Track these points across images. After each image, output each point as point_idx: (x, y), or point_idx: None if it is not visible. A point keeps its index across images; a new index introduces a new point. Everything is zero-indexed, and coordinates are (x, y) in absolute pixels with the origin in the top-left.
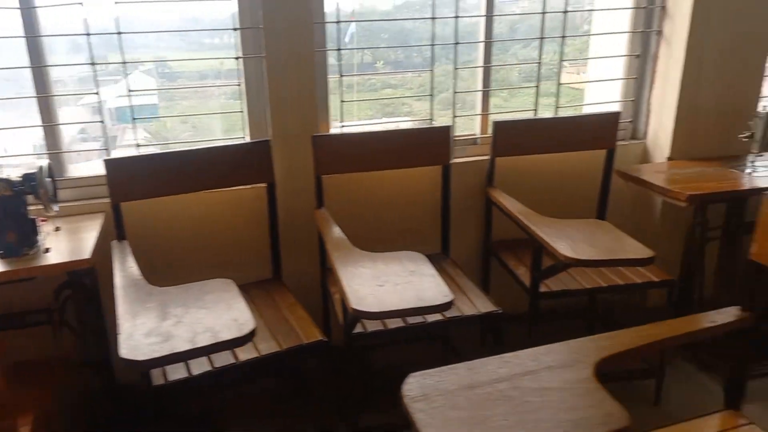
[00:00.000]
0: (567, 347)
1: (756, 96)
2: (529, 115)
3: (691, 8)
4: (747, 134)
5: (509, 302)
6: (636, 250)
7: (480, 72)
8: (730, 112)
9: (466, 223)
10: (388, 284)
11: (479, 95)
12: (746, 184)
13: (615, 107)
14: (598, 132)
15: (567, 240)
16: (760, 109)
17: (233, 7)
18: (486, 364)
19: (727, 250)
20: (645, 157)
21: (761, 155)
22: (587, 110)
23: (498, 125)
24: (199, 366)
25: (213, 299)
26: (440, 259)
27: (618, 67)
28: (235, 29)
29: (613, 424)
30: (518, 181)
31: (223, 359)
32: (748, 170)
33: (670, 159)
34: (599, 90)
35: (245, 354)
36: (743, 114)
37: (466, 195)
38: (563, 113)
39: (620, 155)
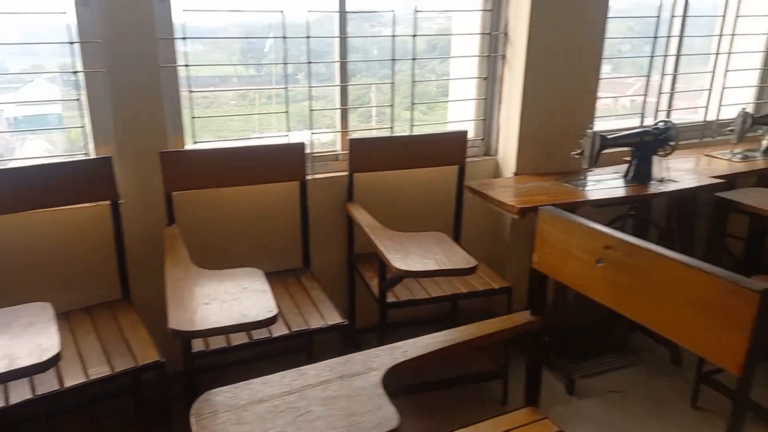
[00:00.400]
0: (365, 356)
1: (590, 116)
2: (386, 133)
3: (527, 36)
4: (578, 151)
5: (371, 313)
6: (462, 261)
7: (338, 90)
8: (568, 130)
9: (329, 236)
10: (216, 302)
11: (338, 113)
12: (577, 196)
13: (470, 125)
14: (449, 149)
15: (402, 252)
16: (588, 129)
17: (72, 20)
18: (283, 377)
19: None
20: (497, 172)
21: (591, 170)
22: (450, 127)
23: (353, 142)
24: (20, 395)
25: (24, 324)
26: (300, 272)
27: (473, 89)
28: (72, 43)
29: (383, 427)
30: (378, 196)
31: (47, 386)
32: (579, 184)
33: (516, 174)
34: (460, 109)
35: (71, 380)
36: (578, 133)
37: (328, 209)
38: (418, 131)
39: (474, 171)
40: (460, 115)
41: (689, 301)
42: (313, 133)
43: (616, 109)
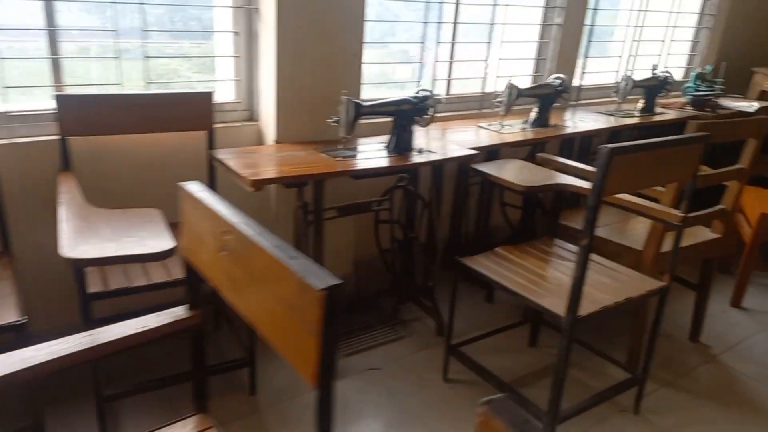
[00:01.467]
0: None
1: (355, 82)
2: (116, 90)
3: None
4: (334, 119)
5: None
6: (158, 244)
7: (46, 41)
8: (329, 96)
9: (36, 215)
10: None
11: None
12: (327, 167)
13: (232, 87)
14: (193, 113)
15: (88, 235)
16: (343, 95)
17: None
18: None
19: (315, 233)
20: (260, 139)
21: (349, 139)
22: (220, 90)
23: (62, 100)
24: None
25: None
26: None
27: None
28: None
29: None
30: (111, 166)
31: None
32: (337, 154)
33: (277, 142)
34: (225, 67)
35: None
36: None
37: (35, 182)
38: (160, 91)
39: (235, 137)
40: (226, 75)
41: (278, 298)
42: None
43: (397, 77)
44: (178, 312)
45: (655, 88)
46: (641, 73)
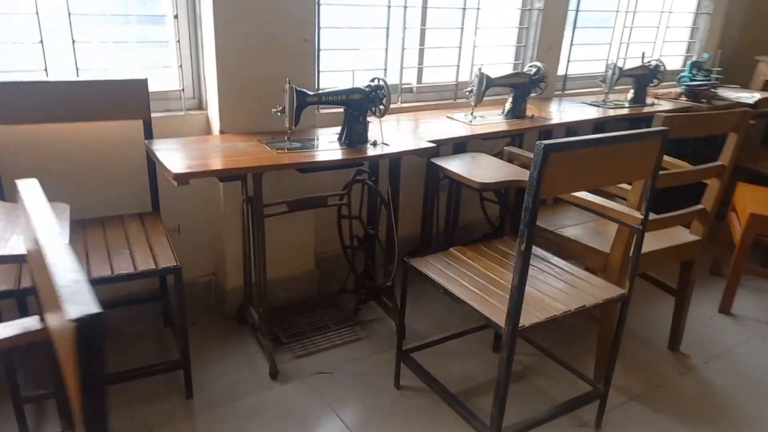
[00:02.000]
0: None
1: (309, 68)
2: (41, 76)
3: None
4: (279, 108)
5: None
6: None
7: None
8: (275, 83)
9: None
10: None
11: None
12: (266, 160)
13: (175, 74)
14: (129, 101)
15: None
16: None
17: None
18: None
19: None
20: (208, 129)
21: (293, 130)
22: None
23: None
24: None
25: None
26: None
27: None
28: None
29: None
30: (42, 159)
31: None
32: (283, 146)
33: (222, 132)
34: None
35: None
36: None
37: None
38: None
39: (179, 127)
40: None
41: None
42: None
43: (361, 64)
44: (28, 323)
45: (645, 77)
46: (634, 62)
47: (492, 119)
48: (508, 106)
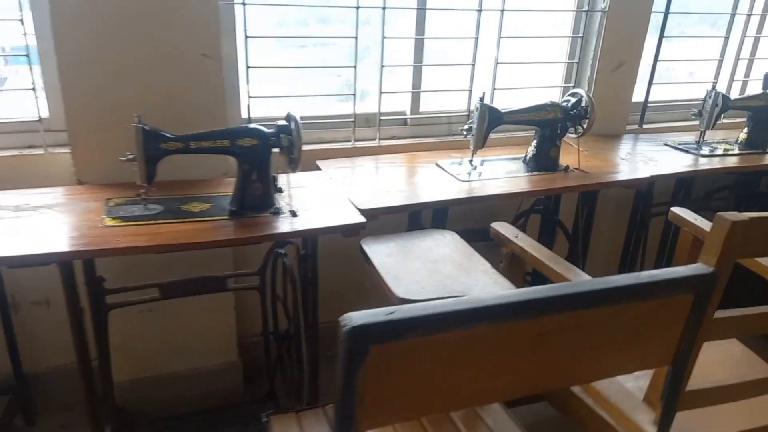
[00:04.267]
0: None
1: (218, 95)
2: None
3: None
4: (129, 156)
5: None
6: None
7: None
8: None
9: None
10: None
11: None
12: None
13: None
14: None
15: None
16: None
17: None
18: None
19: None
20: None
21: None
22: None
23: None
24: None
25: None
26: None
27: None
28: None
29: None
30: None
31: None
32: (127, 213)
33: (79, 182)
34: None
35: None
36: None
37: None
38: None
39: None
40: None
41: None
42: None
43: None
44: None
45: (765, 110)
46: (755, 87)
47: (501, 170)
48: (531, 151)
